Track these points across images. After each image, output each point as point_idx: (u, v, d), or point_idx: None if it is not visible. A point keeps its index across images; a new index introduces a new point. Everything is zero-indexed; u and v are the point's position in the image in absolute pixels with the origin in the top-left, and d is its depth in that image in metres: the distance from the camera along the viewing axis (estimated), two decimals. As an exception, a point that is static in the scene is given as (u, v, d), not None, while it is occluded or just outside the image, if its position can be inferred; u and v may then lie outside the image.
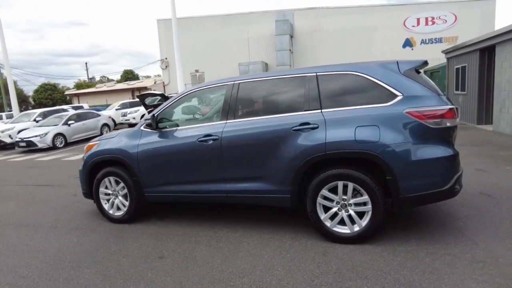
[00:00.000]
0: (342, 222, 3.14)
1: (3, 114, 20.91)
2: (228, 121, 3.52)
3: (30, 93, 43.64)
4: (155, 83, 31.77)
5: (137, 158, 3.87)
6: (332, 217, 3.16)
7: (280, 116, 3.32)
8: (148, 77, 44.83)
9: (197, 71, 29.45)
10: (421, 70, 3.45)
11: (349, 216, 3.10)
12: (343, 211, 3.13)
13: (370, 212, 3.02)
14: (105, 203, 4.21)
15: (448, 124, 2.92)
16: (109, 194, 4.18)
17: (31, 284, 2.83)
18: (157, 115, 3.88)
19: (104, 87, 33.83)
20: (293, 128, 3.18)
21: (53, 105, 33.76)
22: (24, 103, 40.76)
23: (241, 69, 25.50)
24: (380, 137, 2.92)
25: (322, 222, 3.18)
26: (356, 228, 3.09)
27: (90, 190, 4.26)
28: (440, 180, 2.92)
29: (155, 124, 3.82)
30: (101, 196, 4.21)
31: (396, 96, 2.98)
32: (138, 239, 3.62)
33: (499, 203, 3.88)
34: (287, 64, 26.46)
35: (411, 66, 3.09)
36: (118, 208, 4.14)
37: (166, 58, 30.40)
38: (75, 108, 16.73)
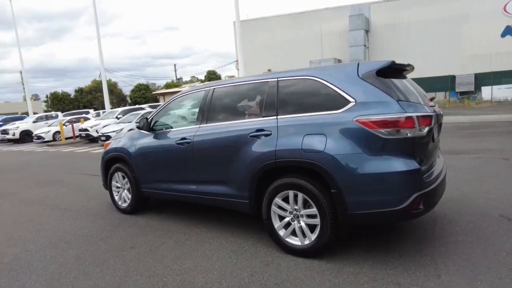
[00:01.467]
0: (295, 233, 3.02)
1: (91, 111, 24.60)
2: (201, 126, 3.67)
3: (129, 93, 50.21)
4: (230, 82, 33.28)
5: (134, 156, 4.31)
6: (287, 227, 3.06)
7: (241, 121, 3.33)
8: (231, 76, 47.32)
9: (269, 70, 29.97)
10: (406, 73, 3.09)
11: (301, 227, 2.97)
12: (295, 221, 3.00)
13: (318, 226, 2.84)
14: (116, 195, 4.78)
15: (408, 135, 2.55)
16: (118, 187, 4.73)
17: (28, 258, 3.45)
18: (151, 118, 4.25)
19: (186, 87, 36.98)
20: (249, 134, 3.17)
21: (145, 103, 38.21)
22: (122, 101, 47.16)
23: (311, 67, 25.09)
24: (326, 146, 2.71)
25: (276, 231, 3.10)
26: (307, 241, 2.94)
27: (106, 182, 4.88)
28: (392, 198, 2.58)
29: (147, 126, 4.20)
30: (113, 188, 4.79)
31: (348, 102, 2.73)
32: (127, 229, 4.04)
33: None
34: (362, 60, 25.06)
35: (372, 68, 2.77)
36: (124, 200, 4.67)
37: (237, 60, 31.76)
38: (152, 107, 18.74)
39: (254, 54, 30.06)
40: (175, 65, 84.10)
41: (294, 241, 3.02)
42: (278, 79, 3.21)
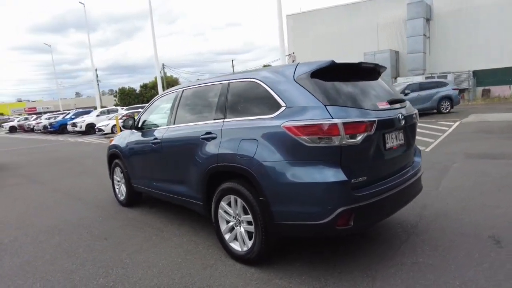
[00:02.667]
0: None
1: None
2: (169, 126, 3.78)
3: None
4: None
5: (125, 153, 4.61)
6: (231, 231, 3.03)
7: (197, 124, 3.36)
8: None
9: (321, 64, 29.15)
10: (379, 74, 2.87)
11: (241, 233, 2.91)
12: (238, 227, 2.96)
13: (253, 234, 2.76)
14: (117, 188, 5.16)
15: (336, 143, 2.33)
16: (118, 181, 5.10)
17: (22, 241, 3.93)
18: (139, 116, 4.50)
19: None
20: (201, 137, 3.18)
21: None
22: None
23: (366, 59, 23.82)
24: (256, 152, 2.61)
25: (222, 235, 3.09)
26: (245, 248, 2.88)
27: (111, 176, 5.30)
28: (315, 211, 2.38)
29: (133, 125, 4.45)
30: (114, 182, 5.18)
31: (280, 106, 2.58)
32: (113, 221, 4.36)
33: (487, 255, 2.72)
34: (421, 51, 23.10)
35: (307, 70, 2.58)
36: (122, 194, 5.02)
37: (293, 53, 31.36)
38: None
39: (306, 48, 29.47)
40: (232, 60, 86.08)
41: (236, 246, 2.98)
42: (230, 81, 3.15)
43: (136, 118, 4.54)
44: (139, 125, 4.47)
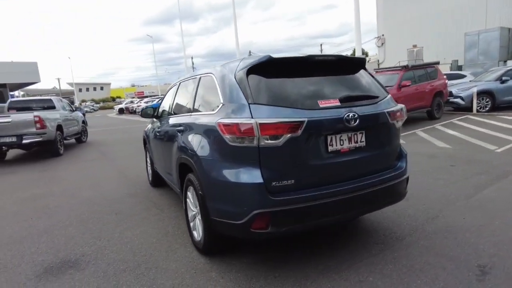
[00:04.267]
0: (199, 228, 3.10)
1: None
2: (169, 117, 4.05)
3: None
4: (368, 61, 31.01)
5: (148, 139, 5.11)
6: (194, 220, 3.17)
7: (178, 116, 3.54)
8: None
9: (414, 46, 26.26)
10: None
11: (197, 223, 3.03)
12: (197, 216, 3.07)
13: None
14: (149, 169, 5.77)
15: (254, 143, 2.22)
16: (148, 164, 5.69)
17: (63, 207, 4.77)
18: (159, 106, 4.91)
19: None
20: (176, 129, 3.36)
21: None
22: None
23: (467, 40, 20.62)
24: (199, 147, 2.68)
25: (188, 222, 3.25)
26: (199, 238, 2.98)
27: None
28: (235, 211, 2.34)
29: (152, 114, 4.87)
30: (148, 164, 5.80)
31: (220, 103, 2.56)
32: (134, 199, 4.92)
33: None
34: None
35: (244, 66, 2.46)
36: (149, 175, 5.59)
37: (382, 35, 28.79)
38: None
39: (398, 29, 26.71)
40: (321, 45, 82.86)
41: (196, 235, 3.10)
42: (201, 75, 3.22)
43: (153, 108, 4.97)
44: (157, 114, 4.88)
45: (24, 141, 8.45)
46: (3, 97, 27.27)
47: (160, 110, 4.82)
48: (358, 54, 16.20)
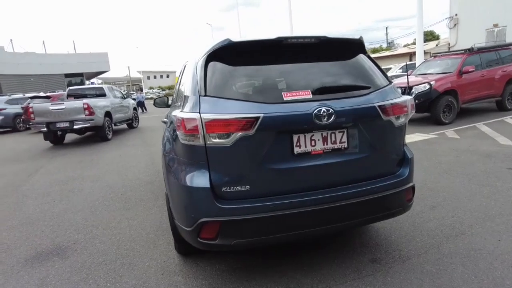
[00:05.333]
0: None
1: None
2: (174, 103, 3.91)
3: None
4: (436, 45, 27.97)
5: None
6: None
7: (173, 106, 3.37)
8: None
9: (495, 25, 22.98)
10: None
11: (176, 222, 2.87)
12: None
13: (174, 225, 2.67)
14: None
15: (200, 142, 1.94)
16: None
17: (86, 191, 5.02)
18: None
19: (386, 52, 33.98)
20: (163, 121, 3.20)
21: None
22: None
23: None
24: (165, 143, 2.56)
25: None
26: (176, 237, 2.82)
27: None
28: (184, 217, 2.11)
29: (166, 103, 4.80)
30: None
31: (185, 94, 2.30)
32: (151, 185, 4.97)
33: None
34: None
35: (205, 52, 2.15)
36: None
37: (456, 15, 25.55)
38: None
39: (473, 7, 23.45)
40: (386, 28, 76.60)
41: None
42: (186, 62, 2.99)
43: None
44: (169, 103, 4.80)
45: (75, 126, 9.18)
46: (82, 85, 30.34)
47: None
48: (419, 39, 14.51)
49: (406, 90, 8.03)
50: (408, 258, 2.52)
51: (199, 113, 1.91)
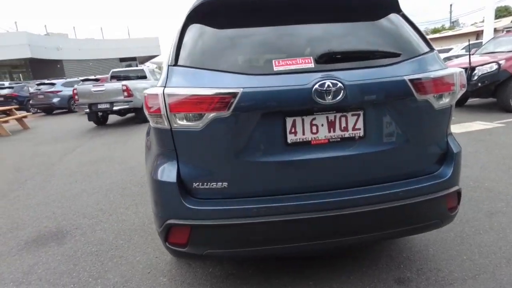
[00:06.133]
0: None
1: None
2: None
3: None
4: None
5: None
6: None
7: None
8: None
9: None
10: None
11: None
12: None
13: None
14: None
15: (165, 125, 1.54)
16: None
17: (108, 166, 4.98)
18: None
19: (448, 32, 30.76)
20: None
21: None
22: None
23: None
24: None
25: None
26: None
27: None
28: (154, 214, 1.75)
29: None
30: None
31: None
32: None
33: None
34: None
35: (187, 12, 1.70)
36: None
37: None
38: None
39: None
40: (451, 5, 68.96)
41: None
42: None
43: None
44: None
45: (114, 108, 9.38)
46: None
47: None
48: (489, 14, 12.60)
49: (468, 71, 6.91)
50: (450, 283, 1.94)
51: (164, 87, 1.51)
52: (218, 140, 1.50)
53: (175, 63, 1.57)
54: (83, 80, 15.37)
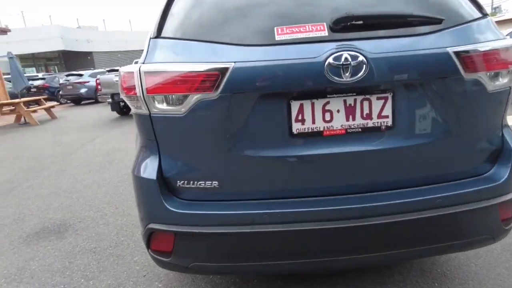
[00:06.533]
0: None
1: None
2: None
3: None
4: None
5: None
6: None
7: None
8: None
9: None
10: None
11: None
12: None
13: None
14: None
15: (143, 110, 1.27)
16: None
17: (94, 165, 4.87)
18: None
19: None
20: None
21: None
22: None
23: None
24: None
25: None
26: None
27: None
28: (138, 214, 1.47)
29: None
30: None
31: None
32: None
33: None
34: None
35: None
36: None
37: None
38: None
39: None
40: None
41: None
42: None
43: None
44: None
45: (135, 98, 9.37)
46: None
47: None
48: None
49: None
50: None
51: (142, 64, 1.24)
52: (205, 129, 1.22)
53: (157, 35, 1.29)
54: (108, 71, 15.61)
